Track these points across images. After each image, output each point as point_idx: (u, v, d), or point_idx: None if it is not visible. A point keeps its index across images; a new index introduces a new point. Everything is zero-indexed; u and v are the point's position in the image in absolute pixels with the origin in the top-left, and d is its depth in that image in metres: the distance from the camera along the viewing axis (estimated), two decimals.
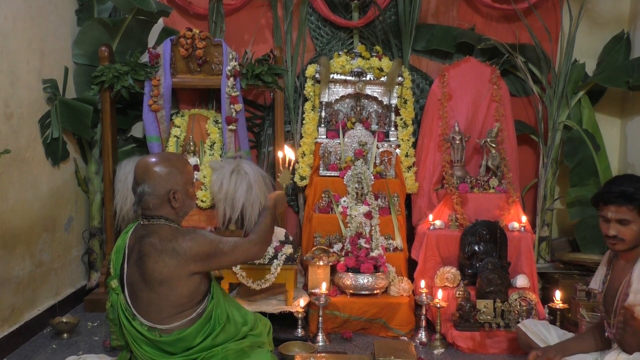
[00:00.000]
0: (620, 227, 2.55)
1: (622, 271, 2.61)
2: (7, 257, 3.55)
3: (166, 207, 2.36)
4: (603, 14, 4.88)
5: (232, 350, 2.39)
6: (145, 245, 2.30)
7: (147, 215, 2.38)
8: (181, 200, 2.37)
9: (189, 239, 2.30)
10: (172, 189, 2.34)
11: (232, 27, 4.89)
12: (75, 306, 4.36)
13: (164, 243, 2.28)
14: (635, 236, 2.54)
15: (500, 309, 3.76)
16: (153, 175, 2.34)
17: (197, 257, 2.29)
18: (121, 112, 4.75)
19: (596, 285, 2.77)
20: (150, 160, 2.40)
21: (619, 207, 2.54)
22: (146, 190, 2.34)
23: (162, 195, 2.34)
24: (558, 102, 4.69)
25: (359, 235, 4.14)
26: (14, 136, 3.64)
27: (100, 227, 4.61)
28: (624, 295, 2.53)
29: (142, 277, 2.30)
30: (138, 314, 2.34)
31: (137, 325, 2.33)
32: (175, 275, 2.27)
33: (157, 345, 2.34)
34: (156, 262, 2.27)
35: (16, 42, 3.68)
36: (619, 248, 2.59)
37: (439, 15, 4.98)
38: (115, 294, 2.39)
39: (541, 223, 4.78)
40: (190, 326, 2.34)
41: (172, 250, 2.26)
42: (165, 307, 2.32)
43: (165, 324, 2.33)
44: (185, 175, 2.41)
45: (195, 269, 2.31)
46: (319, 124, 4.71)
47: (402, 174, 4.62)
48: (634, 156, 4.68)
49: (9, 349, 3.50)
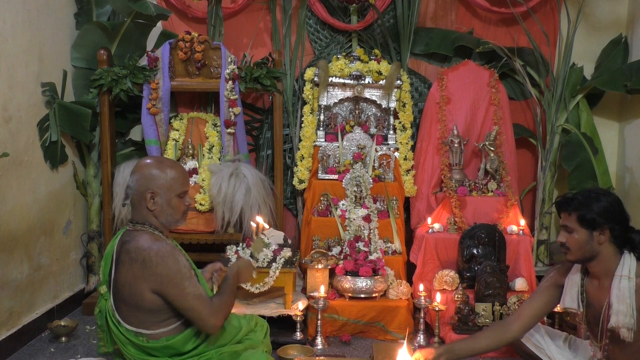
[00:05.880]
0: (567, 235, 2.54)
1: (599, 292, 2.57)
2: (5, 260, 3.54)
3: (144, 208, 2.35)
4: (601, 18, 4.89)
5: (226, 354, 2.39)
6: (123, 252, 2.30)
7: (133, 220, 2.39)
8: (159, 205, 2.35)
9: (160, 255, 2.26)
10: (151, 190, 2.34)
11: (231, 30, 4.89)
12: (74, 310, 4.35)
13: (138, 252, 2.26)
14: (579, 246, 2.51)
15: (499, 312, 3.76)
16: (140, 171, 2.38)
17: (157, 276, 2.24)
18: (120, 115, 4.75)
19: (574, 305, 2.66)
20: (148, 159, 2.48)
21: (566, 214, 2.54)
22: (130, 183, 2.38)
23: (141, 193, 2.34)
24: (556, 106, 4.70)
25: (357, 238, 4.14)
26: (12, 139, 3.64)
27: (98, 230, 4.60)
28: (608, 317, 2.49)
29: (116, 284, 2.31)
30: (122, 320, 2.33)
31: (123, 331, 2.33)
32: (139, 287, 2.26)
33: (146, 351, 2.33)
34: (127, 270, 2.27)
35: (15, 46, 3.68)
36: (570, 258, 2.57)
37: (438, 18, 4.99)
38: (104, 300, 2.39)
39: (540, 226, 4.78)
40: (178, 334, 2.33)
41: (142, 260, 2.25)
42: (142, 317, 2.31)
43: (151, 330, 2.32)
44: (172, 184, 2.37)
45: (155, 287, 2.25)
46: (317, 127, 4.71)
47: (401, 177, 4.62)
48: (632, 160, 4.68)
49: (6, 353, 3.49)
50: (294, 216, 4.96)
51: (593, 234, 2.48)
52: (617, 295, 2.46)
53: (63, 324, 3.81)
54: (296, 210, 4.92)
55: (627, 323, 2.44)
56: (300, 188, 4.70)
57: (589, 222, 2.48)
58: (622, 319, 2.44)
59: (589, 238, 2.49)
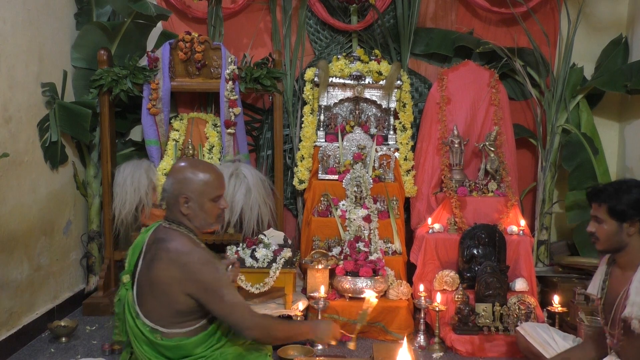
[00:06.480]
0: (597, 225, 2.57)
1: (621, 280, 2.58)
2: (5, 260, 3.54)
3: (178, 211, 2.37)
4: (601, 18, 4.89)
5: (230, 355, 2.39)
6: (161, 250, 2.31)
7: (168, 218, 2.40)
8: (193, 209, 2.36)
9: (201, 262, 2.28)
10: (185, 195, 2.35)
11: (231, 30, 4.89)
12: (74, 310, 4.35)
13: (179, 254, 2.27)
14: (608, 237, 2.53)
15: (499, 313, 3.76)
16: (174, 174, 2.39)
17: (198, 283, 2.26)
18: (120, 115, 4.75)
19: (595, 291, 2.72)
20: (183, 161, 2.46)
21: (597, 205, 2.57)
22: (165, 186, 2.39)
23: (175, 197, 2.35)
24: (556, 106, 4.70)
25: (357, 238, 4.14)
26: (12, 140, 3.64)
27: (98, 230, 4.60)
28: (623, 307, 2.49)
29: (148, 280, 2.31)
30: (142, 313, 2.34)
31: (139, 324, 2.33)
32: (176, 289, 2.27)
33: (157, 348, 2.34)
34: (164, 269, 2.27)
35: (15, 46, 3.68)
36: (598, 247, 2.60)
37: (438, 19, 5.00)
38: (125, 289, 2.39)
39: (540, 227, 4.78)
40: (193, 337, 2.34)
41: (183, 264, 2.26)
42: (166, 315, 2.32)
43: (167, 329, 2.33)
44: (205, 188, 2.37)
45: (193, 293, 2.27)
46: (317, 127, 4.71)
47: (401, 178, 4.62)
48: (632, 160, 4.69)
49: (7, 353, 3.49)
50: (294, 216, 4.96)
51: (623, 226, 2.49)
52: (637, 287, 2.46)
53: (63, 324, 3.81)
54: (296, 211, 4.92)
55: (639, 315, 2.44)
56: (301, 188, 4.70)
57: (619, 213, 2.48)
58: (637, 310, 2.43)
59: (618, 229, 2.50)
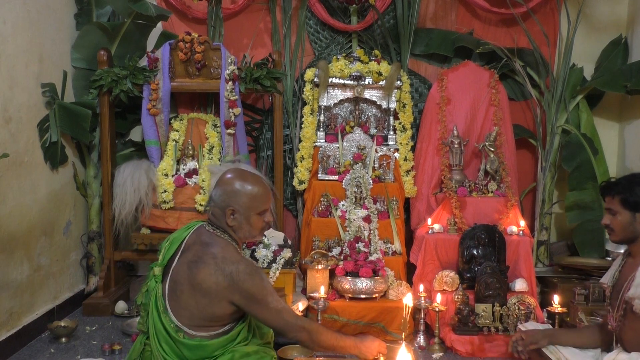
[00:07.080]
0: (611, 217, 2.64)
1: (631, 267, 2.64)
2: (5, 261, 3.54)
3: (223, 222, 2.38)
4: (601, 19, 4.89)
5: (238, 353, 2.40)
6: (207, 254, 2.31)
7: (213, 223, 2.40)
8: (239, 221, 2.37)
9: (248, 272, 2.29)
10: (232, 207, 2.35)
11: (231, 31, 4.89)
12: (74, 310, 4.36)
13: (226, 263, 2.29)
14: (622, 227, 2.61)
15: (499, 313, 3.76)
16: (223, 186, 2.39)
17: (243, 292, 2.29)
18: (120, 116, 4.75)
19: (606, 280, 2.79)
20: (231, 172, 2.45)
21: (610, 198, 2.65)
22: (213, 195, 2.40)
23: (222, 208, 2.36)
24: (556, 106, 4.70)
25: (357, 239, 4.14)
26: (12, 140, 3.64)
27: (98, 231, 4.60)
28: (627, 289, 2.55)
29: (190, 280, 2.31)
30: (171, 309, 2.34)
31: (165, 320, 2.33)
32: (220, 296, 2.29)
33: (177, 347, 2.34)
34: (211, 275, 2.28)
35: (15, 46, 3.68)
36: (613, 239, 2.68)
37: (438, 19, 5.00)
38: (155, 282, 2.40)
39: (540, 227, 4.78)
40: (214, 339, 2.35)
41: (229, 273, 2.27)
42: (198, 317, 2.33)
43: (192, 331, 2.34)
44: (253, 202, 2.38)
45: (237, 301, 2.30)
46: (317, 127, 4.71)
47: (401, 178, 4.62)
48: (632, 160, 4.69)
49: (7, 354, 3.49)
50: (294, 217, 4.96)
51: (636, 216, 2.58)
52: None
53: (63, 324, 3.81)
54: (296, 211, 4.92)
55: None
56: (300, 189, 4.70)
57: (632, 204, 2.58)
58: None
59: (631, 219, 2.59)
